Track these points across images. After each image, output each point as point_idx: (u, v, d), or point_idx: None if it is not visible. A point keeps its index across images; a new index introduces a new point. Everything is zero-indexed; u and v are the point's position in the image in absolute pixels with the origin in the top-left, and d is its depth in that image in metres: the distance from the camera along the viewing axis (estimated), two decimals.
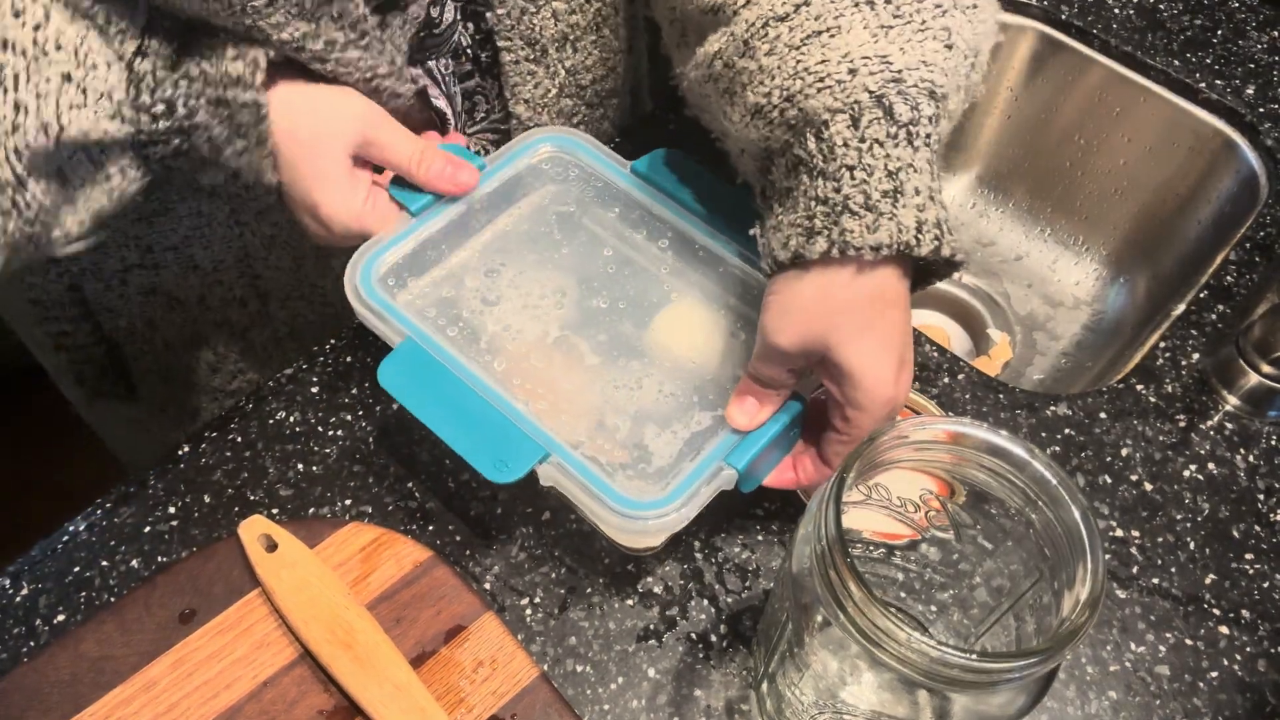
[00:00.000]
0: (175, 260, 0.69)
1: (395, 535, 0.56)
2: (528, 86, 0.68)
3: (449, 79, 0.65)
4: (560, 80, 0.69)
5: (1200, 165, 0.85)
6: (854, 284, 0.47)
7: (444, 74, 0.65)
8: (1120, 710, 0.53)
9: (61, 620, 0.55)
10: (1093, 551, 0.38)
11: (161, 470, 0.60)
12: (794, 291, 0.49)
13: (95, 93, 0.51)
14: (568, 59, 0.69)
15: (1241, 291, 0.71)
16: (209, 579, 0.54)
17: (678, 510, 0.49)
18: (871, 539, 0.51)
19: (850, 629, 0.38)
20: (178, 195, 0.66)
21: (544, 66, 0.67)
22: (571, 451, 0.51)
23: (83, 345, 0.75)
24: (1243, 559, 0.58)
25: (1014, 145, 0.96)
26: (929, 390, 0.64)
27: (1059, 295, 0.94)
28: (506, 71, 0.66)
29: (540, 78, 0.68)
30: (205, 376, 0.77)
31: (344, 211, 0.57)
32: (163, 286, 0.71)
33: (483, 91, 0.68)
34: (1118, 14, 0.88)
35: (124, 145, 0.53)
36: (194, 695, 0.51)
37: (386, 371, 0.53)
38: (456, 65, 0.65)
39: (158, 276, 0.70)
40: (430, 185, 0.59)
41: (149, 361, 0.76)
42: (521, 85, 0.67)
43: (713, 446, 0.52)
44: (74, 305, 0.72)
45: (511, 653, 0.52)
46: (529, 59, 0.66)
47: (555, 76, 0.69)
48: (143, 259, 0.69)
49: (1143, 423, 0.64)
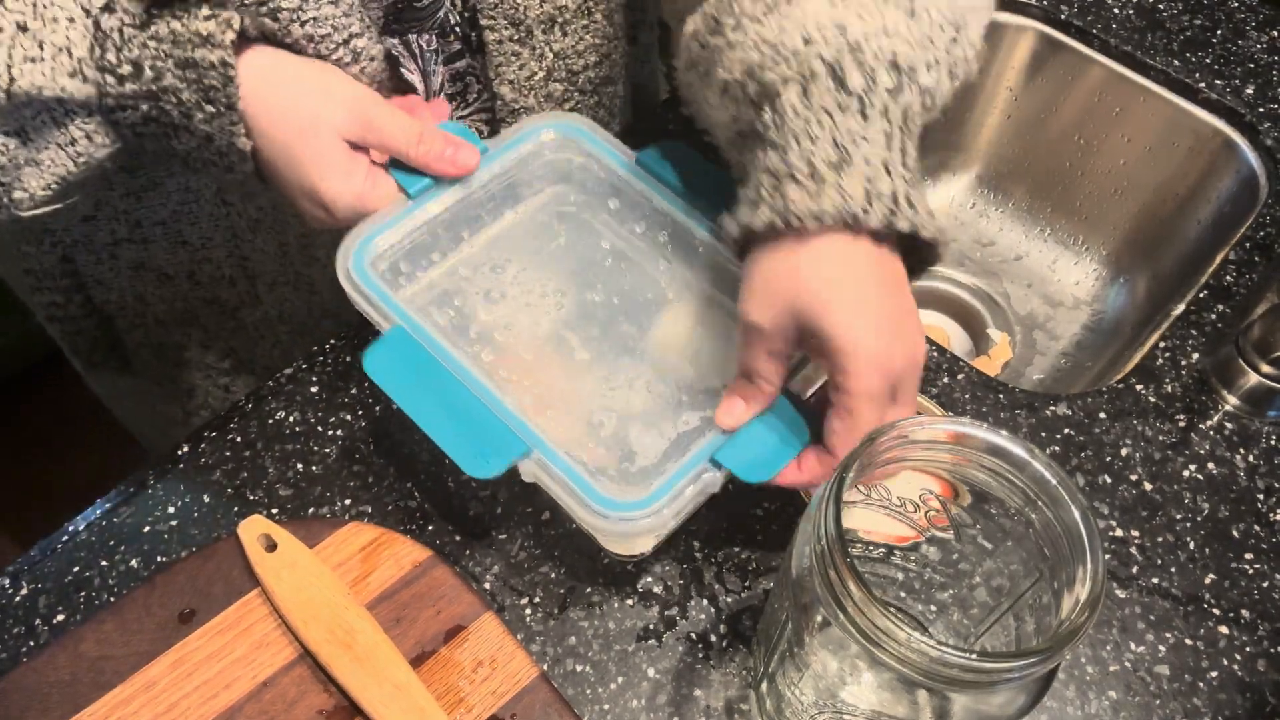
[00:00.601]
0: (164, 235, 0.69)
1: (395, 535, 0.56)
2: (512, 68, 0.66)
3: (429, 55, 0.64)
4: (548, 63, 0.68)
5: (1200, 165, 0.84)
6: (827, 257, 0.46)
7: (425, 49, 0.64)
8: (1120, 710, 0.53)
9: (61, 620, 0.55)
10: (1092, 551, 0.38)
11: (161, 470, 0.60)
12: (763, 267, 0.48)
13: (53, 46, 0.49)
14: (555, 42, 0.67)
15: (1241, 291, 0.71)
16: (209, 579, 0.54)
17: (658, 512, 0.48)
18: (871, 539, 0.51)
19: (850, 629, 0.38)
20: (165, 171, 0.65)
21: (529, 48, 0.66)
22: (555, 449, 0.50)
23: (74, 317, 0.75)
24: (1242, 559, 0.58)
25: (1014, 145, 0.96)
26: (929, 390, 0.64)
27: (1059, 295, 0.94)
28: (490, 51, 0.65)
29: (525, 59, 0.67)
30: (198, 354, 0.77)
31: (346, 193, 0.56)
32: (152, 262, 0.71)
33: (473, 72, 0.67)
34: (1117, 14, 0.88)
35: (90, 107, 0.52)
36: (194, 695, 0.51)
37: (372, 358, 0.53)
38: (443, 43, 0.64)
39: (146, 251, 0.70)
40: (429, 167, 0.58)
41: (141, 335, 0.77)
42: (506, 66, 0.66)
43: (699, 447, 0.51)
44: (65, 276, 0.72)
45: (511, 653, 0.52)
46: (513, 39, 0.65)
47: (543, 59, 0.67)
48: (131, 233, 0.69)
49: (1143, 423, 0.64)
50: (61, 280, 0.72)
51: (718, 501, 0.51)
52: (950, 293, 0.95)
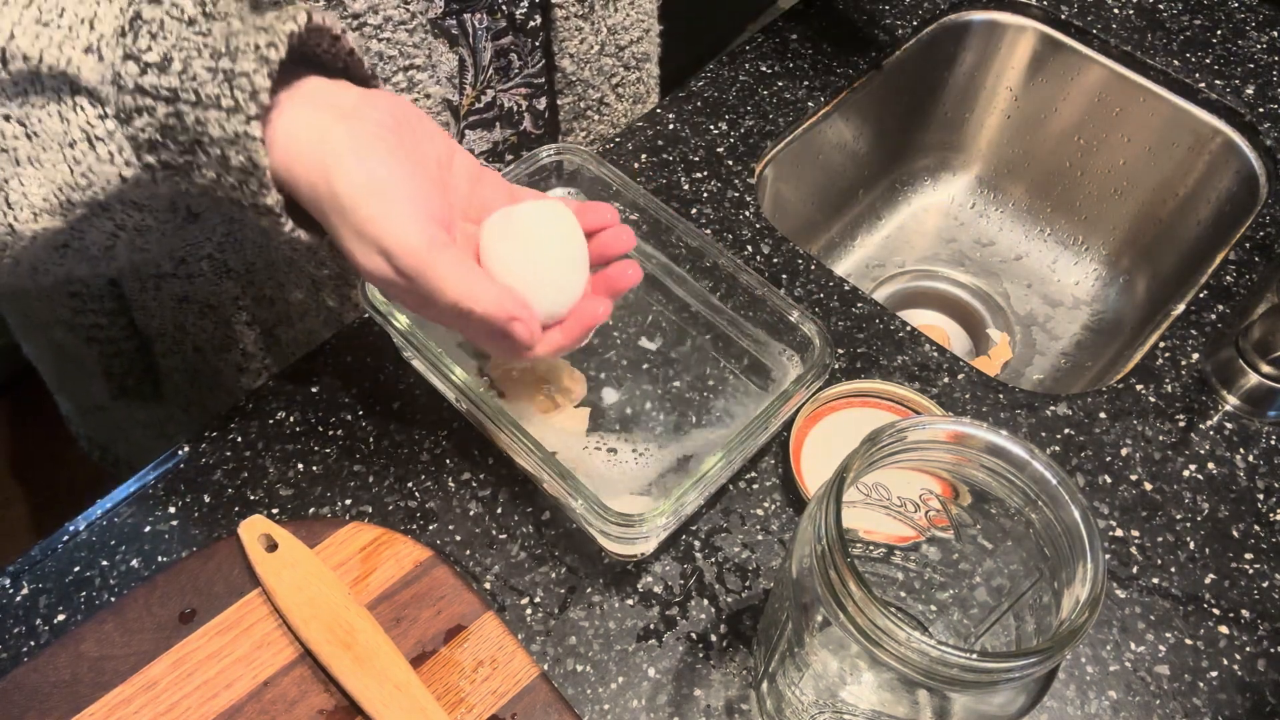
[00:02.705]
0: (210, 268, 0.69)
1: (395, 535, 0.56)
2: (574, 41, 0.71)
3: (480, 33, 0.67)
4: (602, 38, 0.73)
5: (1200, 165, 0.85)
6: None
7: (477, 27, 0.67)
8: (1120, 710, 0.53)
9: (61, 620, 0.55)
10: (1093, 551, 0.38)
11: (161, 470, 0.60)
12: None
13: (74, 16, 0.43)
14: (610, 17, 0.73)
15: (1241, 291, 0.71)
16: (209, 579, 0.54)
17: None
18: (871, 539, 0.51)
19: (850, 629, 0.38)
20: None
21: (590, 22, 0.71)
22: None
23: (115, 339, 0.75)
24: (1242, 559, 0.58)
25: (1014, 145, 0.97)
26: (929, 390, 0.64)
27: (1059, 295, 0.94)
28: (557, 26, 0.70)
29: (586, 33, 0.72)
30: (232, 377, 0.77)
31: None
32: (196, 295, 0.71)
33: (516, 49, 0.70)
34: (1117, 14, 0.88)
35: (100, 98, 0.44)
36: (194, 695, 0.51)
37: None
38: (492, 21, 0.67)
39: (191, 285, 0.70)
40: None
41: (177, 361, 0.77)
42: (569, 40, 0.71)
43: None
44: (112, 299, 0.72)
45: (511, 652, 0.52)
46: (578, 15, 0.70)
47: (599, 33, 0.73)
48: (176, 269, 0.68)
49: (1143, 423, 0.64)
50: (108, 303, 0.72)
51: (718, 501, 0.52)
52: (950, 293, 0.95)
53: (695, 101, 0.80)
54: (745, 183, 0.75)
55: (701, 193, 0.74)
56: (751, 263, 0.70)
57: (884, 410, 0.62)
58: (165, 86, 0.44)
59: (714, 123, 0.79)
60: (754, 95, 0.81)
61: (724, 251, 0.62)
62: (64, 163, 0.46)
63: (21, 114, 0.45)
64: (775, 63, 0.84)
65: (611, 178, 0.64)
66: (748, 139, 0.78)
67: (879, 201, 0.99)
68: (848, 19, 0.88)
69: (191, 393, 0.79)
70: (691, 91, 0.81)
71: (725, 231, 0.72)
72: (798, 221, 0.89)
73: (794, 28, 0.87)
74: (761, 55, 0.85)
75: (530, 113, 0.75)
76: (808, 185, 0.88)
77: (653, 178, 0.75)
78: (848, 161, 0.91)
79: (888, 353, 0.66)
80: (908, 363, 0.66)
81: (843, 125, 0.87)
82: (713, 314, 0.64)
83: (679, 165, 0.76)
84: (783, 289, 0.69)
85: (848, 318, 0.68)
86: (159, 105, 0.44)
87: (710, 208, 0.73)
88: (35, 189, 0.46)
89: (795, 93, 0.82)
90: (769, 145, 0.79)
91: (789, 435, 0.60)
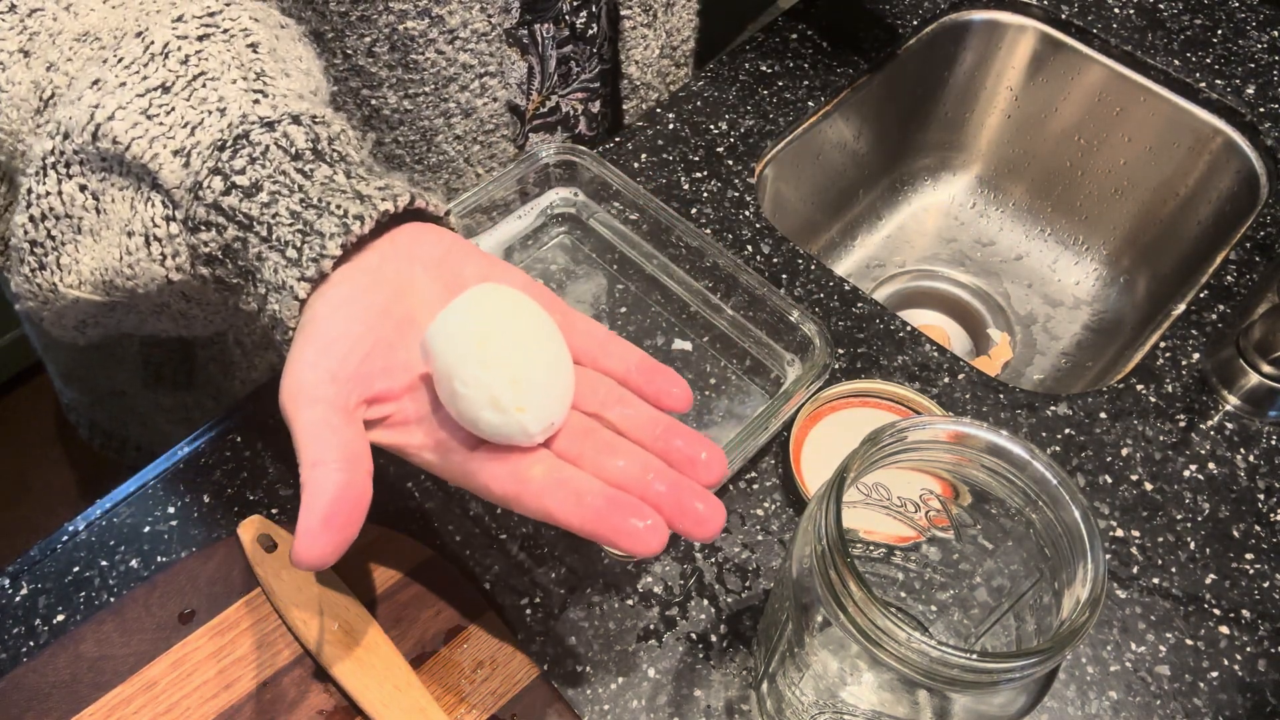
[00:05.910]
0: None
1: (395, 535, 0.56)
2: (639, 49, 0.76)
3: (547, 41, 0.71)
4: (663, 41, 0.77)
5: (1200, 165, 0.85)
6: None
7: (545, 36, 0.70)
8: (1120, 710, 0.53)
9: (61, 620, 0.55)
10: (1093, 551, 0.38)
11: (161, 470, 0.60)
12: None
13: (179, 117, 0.44)
14: (668, 21, 0.77)
15: (1241, 291, 0.71)
16: (209, 579, 0.54)
17: None
18: (871, 539, 0.51)
19: (850, 629, 0.38)
20: None
21: (653, 30, 0.75)
22: None
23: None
24: (1243, 559, 0.58)
25: (1014, 145, 0.96)
26: (929, 390, 0.64)
27: (1059, 295, 0.94)
28: (625, 35, 0.74)
29: (649, 40, 0.76)
30: (264, 372, 0.78)
31: None
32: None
33: (575, 56, 0.74)
34: (1118, 13, 0.88)
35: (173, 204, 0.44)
36: (194, 695, 0.51)
37: None
38: (557, 30, 0.70)
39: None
40: None
41: (215, 352, 0.77)
42: (635, 47, 0.75)
43: None
44: None
45: (511, 653, 0.52)
46: (644, 24, 0.74)
47: (660, 39, 0.76)
48: None
49: (1143, 423, 0.64)
50: None
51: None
52: (950, 293, 0.95)
53: (695, 101, 0.80)
54: (745, 182, 0.75)
55: (701, 193, 0.74)
56: (751, 263, 0.70)
57: (884, 410, 0.62)
58: (244, 211, 0.43)
59: (714, 122, 0.79)
60: (754, 95, 0.81)
61: (724, 251, 0.62)
62: (117, 248, 0.46)
63: (98, 189, 0.45)
64: (775, 62, 0.84)
65: (611, 178, 0.64)
66: (748, 139, 0.78)
67: (879, 201, 0.99)
68: (848, 19, 0.88)
69: (224, 383, 0.79)
70: (691, 91, 0.81)
71: (725, 231, 0.72)
72: (798, 221, 0.89)
73: (794, 27, 0.87)
74: (761, 55, 0.85)
75: (585, 116, 0.79)
76: (808, 185, 0.88)
77: (653, 178, 0.75)
78: (848, 161, 0.91)
79: (888, 353, 0.66)
80: (908, 363, 0.66)
81: (843, 125, 0.87)
82: (713, 314, 0.64)
83: (679, 165, 0.76)
84: (783, 289, 0.69)
85: (848, 318, 0.68)
86: (230, 226, 0.43)
87: (710, 208, 0.73)
88: (88, 260, 0.46)
89: (795, 92, 0.82)
90: (769, 145, 0.79)
91: (789, 435, 0.60)
